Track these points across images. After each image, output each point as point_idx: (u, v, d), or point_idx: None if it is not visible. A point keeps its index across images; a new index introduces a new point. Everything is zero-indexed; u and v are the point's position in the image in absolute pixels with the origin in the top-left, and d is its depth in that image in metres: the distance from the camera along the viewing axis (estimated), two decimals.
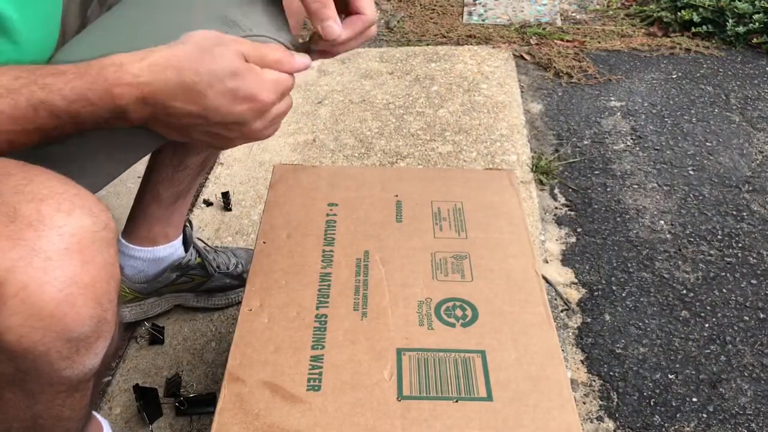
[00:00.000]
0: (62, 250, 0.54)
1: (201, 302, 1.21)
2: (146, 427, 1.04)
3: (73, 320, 0.55)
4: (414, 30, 2.28)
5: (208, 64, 0.62)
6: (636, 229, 1.45)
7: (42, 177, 0.57)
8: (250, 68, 0.64)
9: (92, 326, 0.57)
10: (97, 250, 0.57)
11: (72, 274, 0.55)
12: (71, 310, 0.55)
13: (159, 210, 1.08)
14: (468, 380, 0.72)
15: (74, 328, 0.56)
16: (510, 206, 0.97)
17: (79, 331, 0.56)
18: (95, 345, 0.59)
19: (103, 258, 0.57)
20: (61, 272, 0.54)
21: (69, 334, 0.56)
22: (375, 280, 0.84)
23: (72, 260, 0.55)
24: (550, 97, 1.91)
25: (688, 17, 2.17)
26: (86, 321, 0.56)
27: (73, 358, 0.58)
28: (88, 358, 0.60)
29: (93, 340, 0.59)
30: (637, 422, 1.08)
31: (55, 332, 0.55)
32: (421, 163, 1.61)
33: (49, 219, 0.54)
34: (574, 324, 1.24)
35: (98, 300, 0.57)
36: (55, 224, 0.55)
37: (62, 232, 0.55)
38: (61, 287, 0.54)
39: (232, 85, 0.62)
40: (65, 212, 0.55)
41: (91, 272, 0.56)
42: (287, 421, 0.68)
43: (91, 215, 0.57)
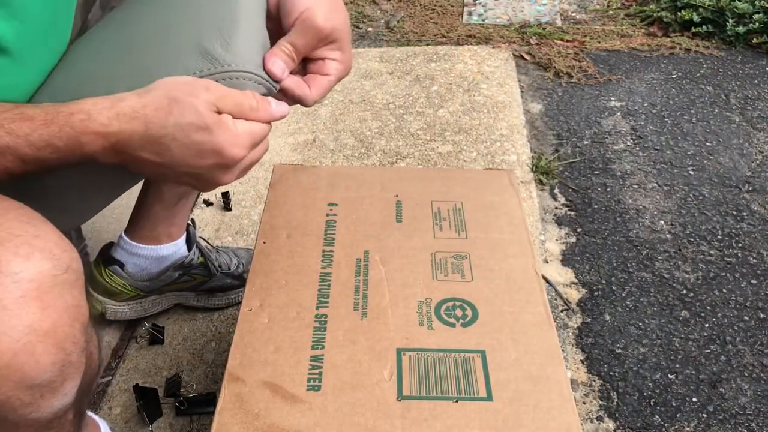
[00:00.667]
0: (19, 298, 0.53)
1: (201, 302, 1.21)
2: (146, 427, 1.04)
3: (33, 369, 0.54)
4: (414, 30, 2.28)
5: (175, 117, 0.60)
6: (636, 229, 1.45)
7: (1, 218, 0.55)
8: (219, 123, 0.61)
9: (55, 371, 0.56)
10: (58, 294, 0.55)
11: (30, 322, 0.53)
12: (30, 359, 0.53)
13: (163, 210, 1.08)
14: (468, 380, 0.72)
15: (35, 376, 0.54)
16: (510, 206, 0.97)
17: (41, 378, 0.55)
18: (62, 387, 0.58)
19: (64, 301, 0.56)
20: (17, 321, 0.52)
21: (29, 382, 0.55)
22: (375, 280, 0.84)
23: (30, 308, 0.53)
24: (550, 97, 1.91)
25: (688, 17, 2.17)
26: (48, 368, 0.55)
27: (38, 403, 0.57)
28: (56, 399, 0.58)
29: (58, 384, 0.57)
30: (637, 422, 1.08)
31: (13, 382, 0.54)
32: (421, 163, 1.61)
33: (5, 265, 0.53)
34: (574, 324, 1.24)
35: (60, 345, 0.55)
36: (11, 270, 0.53)
37: (18, 279, 0.53)
38: (18, 337, 0.52)
39: (197, 139, 0.61)
40: (23, 257, 0.54)
41: (51, 317, 0.54)
42: (287, 421, 0.68)
43: (51, 258, 0.55)
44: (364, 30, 2.31)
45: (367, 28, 2.32)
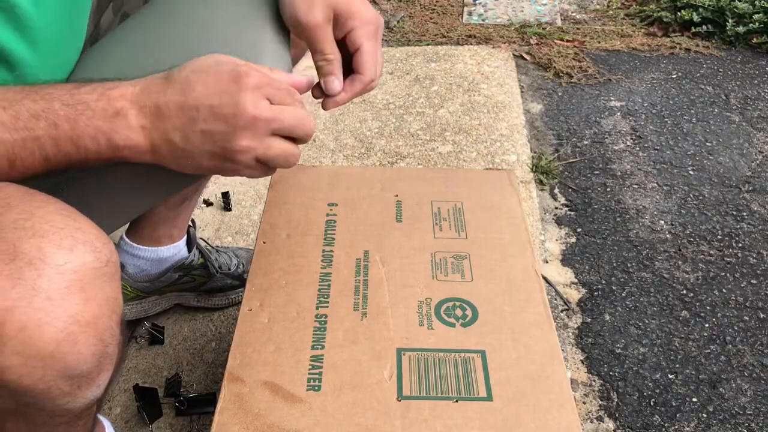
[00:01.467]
0: (63, 289, 0.54)
1: (201, 302, 1.21)
2: (146, 427, 1.04)
3: (75, 359, 0.55)
4: (414, 30, 2.29)
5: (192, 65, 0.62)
6: (636, 229, 1.45)
7: (43, 210, 0.56)
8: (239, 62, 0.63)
9: (94, 362, 0.57)
10: (99, 286, 0.56)
11: (73, 312, 0.54)
12: (72, 348, 0.54)
13: (165, 211, 1.08)
14: (468, 380, 0.72)
15: (76, 366, 0.55)
16: (510, 206, 0.97)
17: (81, 368, 0.56)
18: (98, 378, 0.59)
19: (105, 294, 0.57)
20: (62, 311, 0.53)
21: (70, 372, 0.55)
22: (375, 280, 0.84)
23: (73, 298, 0.54)
24: (550, 97, 1.91)
25: (688, 17, 2.17)
26: (88, 359, 0.56)
27: (75, 393, 0.58)
28: (91, 391, 0.59)
29: (95, 374, 0.58)
30: (637, 422, 1.08)
31: (56, 371, 0.54)
32: (421, 163, 1.61)
33: (50, 257, 0.53)
34: (574, 324, 1.24)
35: (100, 336, 0.56)
36: (56, 262, 0.54)
37: (63, 270, 0.54)
38: (62, 327, 0.53)
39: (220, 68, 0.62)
40: (67, 249, 0.55)
41: (93, 309, 0.55)
42: (287, 421, 0.68)
43: (93, 251, 0.56)
44: None
45: None
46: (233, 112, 0.61)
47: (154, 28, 0.75)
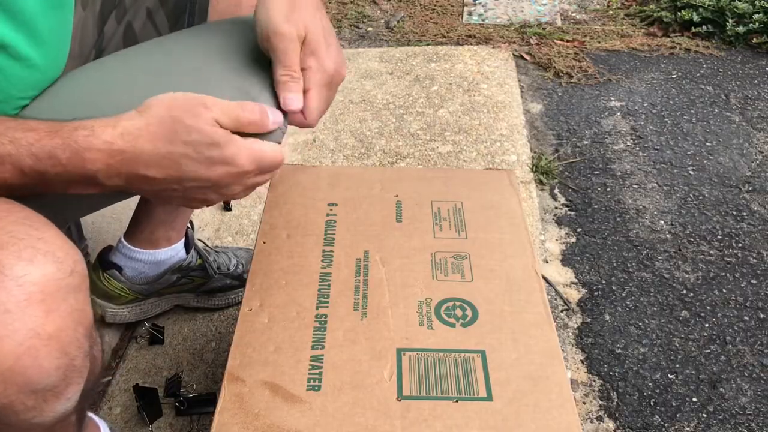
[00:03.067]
0: (22, 302, 0.52)
1: (201, 302, 1.21)
2: (146, 427, 1.04)
3: (36, 373, 0.53)
4: (414, 30, 2.28)
5: (181, 135, 0.60)
6: (636, 229, 1.45)
7: (4, 221, 0.55)
8: (227, 136, 0.62)
9: (59, 376, 0.56)
10: (62, 297, 0.55)
11: (33, 325, 0.53)
12: (33, 362, 0.53)
13: (163, 214, 1.08)
14: (468, 380, 0.72)
15: (38, 381, 0.54)
16: (510, 206, 0.97)
17: (45, 382, 0.55)
18: (65, 392, 0.58)
19: (68, 305, 0.55)
20: (20, 324, 0.52)
21: (33, 387, 0.54)
22: (375, 280, 0.84)
23: (33, 311, 0.53)
24: (550, 97, 1.91)
25: (688, 17, 2.17)
26: (51, 372, 0.55)
27: (41, 407, 0.56)
28: (59, 404, 0.58)
29: (62, 388, 0.57)
30: (637, 422, 1.08)
31: (17, 386, 0.53)
32: (421, 163, 1.61)
33: (9, 269, 0.52)
34: (574, 324, 1.24)
35: (64, 349, 0.55)
36: (15, 274, 0.52)
37: (22, 282, 0.53)
38: (21, 340, 0.52)
39: (208, 154, 0.61)
40: (26, 260, 0.53)
41: (55, 322, 0.54)
42: (287, 421, 0.68)
43: (55, 261, 0.55)
44: (364, 30, 2.31)
45: (367, 28, 2.32)
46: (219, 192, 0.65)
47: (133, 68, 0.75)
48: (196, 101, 0.62)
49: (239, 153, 0.62)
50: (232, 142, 0.62)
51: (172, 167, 0.61)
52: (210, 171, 0.62)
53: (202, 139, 0.60)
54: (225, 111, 0.62)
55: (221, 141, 0.61)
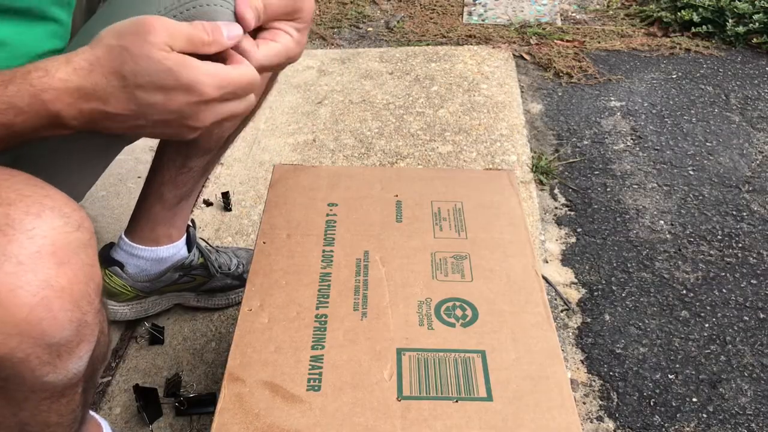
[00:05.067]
0: (34, 253, 0.53)
1: (201, 302, 1.21)
2: (146, 427, 1.04)
3: (51, 325, 0.54)
4: (414, 30, 2.28)
5: (130, 66, 0.57)
6: (636, 229, 1.45)
7: (9, 181, 0.56)
8: (181, 61, 0.58)
9: (72, 330, 0.56)
10: (72, 251, 0.55)
11: (46, 276, 0.53)
12: (47, 314, 0.53)
13: (163, 211, 1.08)
14: (468, 380, 0.72)
15: (53, 333, 0.54)
16: (510, 206, 0.97)
17: (59, 335, 0.55)
18: (77, 349, 0.58)
19: (80, 259, 0.56)
20: (33, 276, 0.52)
21: (48, 340, 0.54)
22: (375, 280, 0.84)
23: (45, 263, 0.53)
24: (550, 97, 1.91)
25: (688, 17, 2.17)
26: (65, 325, 0.55)
27: (55, 363, 0.57)
28: (72, 362, 0.58)
29: (75, 344, 0.57)
30: (637, 422, 1.08)
31: (32, 338, 0.53)
32: (421, 163, 1.61)
33: (18, 223, 0.53)
34: (574, 324, 1.24)
35: (76, 302, 0.55)
36: (24, 228, 0.53)
37: (32, 235, 0.53)
38: (34, 291, 0.52)
39: (162, 81, 0.57)
40: (34, 215, 0.54)
41: (67, 274, 0.54)
42: (287, 421, 0.68)
43: (62, 216, 0.55)
44: (364, 30, 2.31)
45: (367, 28, 2.32)
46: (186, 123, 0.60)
47: None
48: (141, 26, 0.58)
49: (197, 77, 0.58)
50: (187, 66, 0.58)
51: (130, 100, 0.58)
52: (169, 101, 0.58)
53: (153, 67, 0.57)
54: (174, 33, 0.58)
55: (173, 66, 0.57)
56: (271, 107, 1.82)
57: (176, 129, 0.61)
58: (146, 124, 0.60)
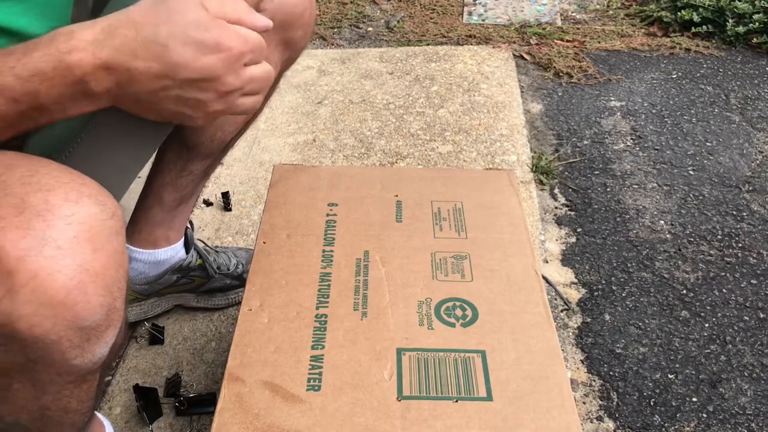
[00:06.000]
0: (72, 239, 0.54)
1: (201, 302, 1.21)
2: (146, 427, 1.04)
3: (84, 308, 0.56)
4: (414, 30, 2.28)
5: (164, 15, 0.57)
6: (636, 229, 1.45)
7: (47, 168, 0.57)
8: (213, 18, 0.59)
9: (103, 314, 0.58)
10: (106, 238, 0.57)
11: (82, 261, 0.55)
12: (82, 298, 0.55)
13: (162, 213, 1.08)
14: (468, 380, 0.72)
15: (85, 317, 0.56)
16: (510, 206, 0.97)
17: (91, 319, 0.57)
18: (105, 333, 0.60)
19: (112, 246, 0.58)
20: (71, 260, 0.54)
21: (80, 323, 0.56)
22: (375, 280, 0.84)
23: (82, 248, 0.55)
24: (550, 97, 1.91)
25: (688, 17, 2.17)
26: (97, 309, 0.57)
27: (84, 346, 0.58)
28: (99, 346, 0.60)
29: (103, 328, 0.59)
30: (637, 422, 1.08)
31: (67, 320, 0.55)
32: (421, 163, 1.61)
33: (58, 208, 0.54)
34: (574, 324, 1.24)
35: (108, 288, 0.57)
36: (63, 213, 0.55)
37: (71, 221, 0.55)
38: (71, 275, 0.54)
39: (195, 35, 0.58)
40: (73, 201, 0.55)
41: (101, 260, 0.56)
42: (287, 421, 0.68)
43: (98, 204, 0.57)
44: (364, 30, 2.31)
45: (367, 28, 2.32)
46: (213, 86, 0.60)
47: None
48: None
49: (227, 34, 0.59)
50: (219, 24, 0.59)
51: (159, 55, 0.57)
52: (199, 57, 0.58)
53: (188, 20, 0.57)
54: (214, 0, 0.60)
55: (208, 23, 0.58)
56: (271, 107, 1.82)
57: (203, 93, 0.60)
58: (173, 84, 0.59)
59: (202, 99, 0.61)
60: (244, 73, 0.62)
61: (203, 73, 0.59)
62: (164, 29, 0.57)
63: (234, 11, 0.61)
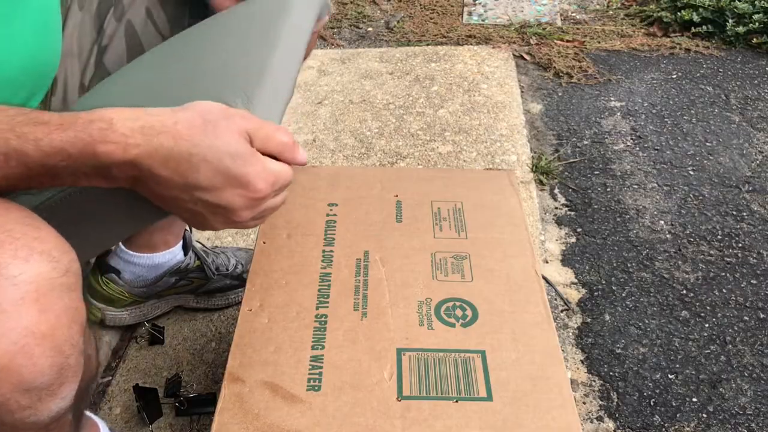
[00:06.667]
0: (17, 300, 0.52)
1: (201, 303, 1.21)
2: (146, 427, 1.04)
3: (31, 372, 0.54)
4: (414, 30, 2.28)
5: (209, 138, 0.57)
6: (636, 229, 1.45)
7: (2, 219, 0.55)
8: (253, 153, 0.59)
9: (53, 374, 0.56)
10: (56, 296, 0.55)
11: (27, 324, 0.53)
12: (28, 361, 0.53)
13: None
14: (468, 380, 0.72)
15: (32, 379, 0.54)
16: (510, 206, 0.97)
17: (39, 381, 0.55)
18: (59, 391, 0.58)
19: (63, 304, 0.55)
20: (15, 323, 0.52)
21: (27, 385, 0.54)
22: (375, 280, 0.84)
23: (28, 310, 0.53)
24: (550, 97, 1.91)
25: (688, 17, 2.17)
26: (45, 371, 0.55)
27: (36, 406, 0.56)
28: (54, 403, 0.58)
29: (56, 387, 0.57)
30: (637, 422, 1.08)
31: (11, 384, 0.53)
32: (421, 163, 1.61)
33: (4, 268, 0.52)
34: (574, 324, 1.24)
35: (58, 348, 0.55)
36: (10, 273, 0.52)
37: (17, 282, 0.53)
38: (15, 339, 0.52)
39: (228, 165, 0.57)
40: (22, 259, 0.53)
41: (49, 320, 0.54)
42: (287, 421, 0.68)
43: (50, 261, 0.55)
44: (364, 30, 2.31)
45: (367, 28, 2.32)
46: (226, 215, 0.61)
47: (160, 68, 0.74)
48: (234, 111, 0.60)
49: (258, 174, 0.59)
50: (255, 161, 0.59)
51: (188, 173, 0.57)
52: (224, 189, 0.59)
53: (228, 147, 0.57)
54: (259, 127, 0.60)
55: (245, 154, 0.58)
56: None
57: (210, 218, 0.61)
58: (189, 199, 0.59)
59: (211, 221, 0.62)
60: (260, 207, 0.62)
61: (222, 203, 0.59)
62: (202, 151, 0.57)
63: (277, 146, 0.61)
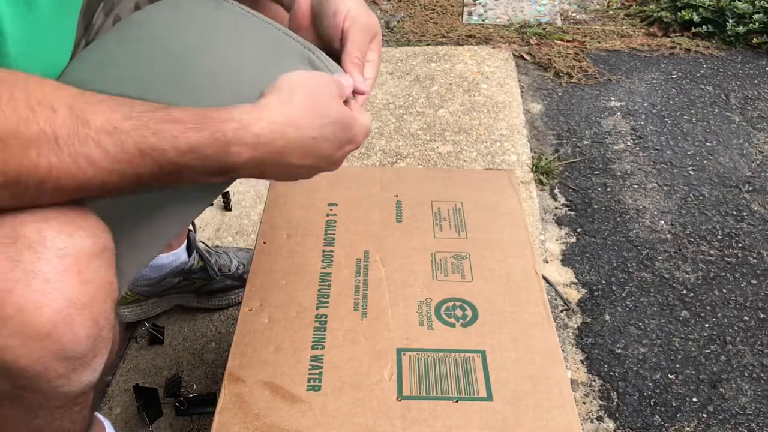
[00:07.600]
0: (61, 272, 0.55)
1: (202, 303, 1.21)
2: (146, 427, 1.04)
3: (70, 341, 0.56)
4: (414, 30, 2.28)
5: (323, 118, 0.62)
6: (636, 229, 1.45)
7: None
8: (353, 116, 0.64)
9: (89, 345, 0.58)
10: (95, 270, 0.57)
11: (70, 295, 0.55)
12: (68, 330, 0.55)
13: None
14: (468, 380, 0.72)
15: (71, 348, 0.56)
16: (510, 206, 0.97)
17: (76, 350, 0.57)
18: (92, 362, 0.60)
19: (101, 278, 0.58)
20: (59, 294, 0.54)
21: (66, 354, 0.56)
22: (375, 280, 0.84)
23: (71, 281, 0.55)
24: (550, 97, 1.91)
25: (688, 17, 2.17)
26: (83, 341, 0.57)
27: (70, 376, 0.59)
28: (86, 374, 0.60)
29: (90, 357, 0.59)
30: (637, 422, 1.08)
31: (52, 352, 0.55)
32: (421, 163, 1.61)
33: (50, 241, 0.55)
34: (574, 324, 1.24)
35: (95, 319, 0.57)
36: (55, 246, 0.55)
37: (62, 254, 0.55)
38: (58, 308, 0.54)
39: (341, 135, 0.63)
40: (66, 234, 0.56)
41: (89, 292, 0.56)
42: (287, 421, 0.68)
43: (92, 236, 0.57)
44: None
45: None
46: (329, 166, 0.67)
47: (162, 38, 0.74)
48: (328, 81, 0.64)
49: (361, 131, 0.66)
50: (356, 122, 0.65)
51: (313, 152, 0.62)
52: (339, 151, 0.64)
53: (339, 120, 0.63)
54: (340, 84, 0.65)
55: (350, 121, 0.64)
56: None
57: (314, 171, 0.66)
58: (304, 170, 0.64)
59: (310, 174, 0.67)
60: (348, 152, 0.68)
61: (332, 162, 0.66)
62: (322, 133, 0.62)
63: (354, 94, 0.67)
